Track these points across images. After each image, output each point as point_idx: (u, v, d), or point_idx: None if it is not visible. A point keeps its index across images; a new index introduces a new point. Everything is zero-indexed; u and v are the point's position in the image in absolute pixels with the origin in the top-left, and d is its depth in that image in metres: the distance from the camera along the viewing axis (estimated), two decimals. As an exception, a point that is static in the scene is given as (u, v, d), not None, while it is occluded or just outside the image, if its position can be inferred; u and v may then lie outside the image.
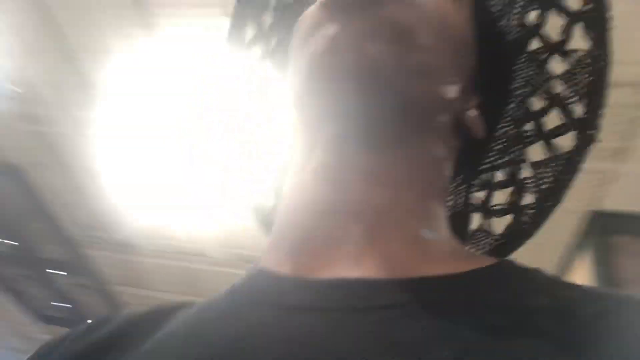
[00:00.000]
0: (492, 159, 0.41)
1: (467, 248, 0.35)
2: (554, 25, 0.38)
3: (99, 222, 5.04)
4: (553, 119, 0.39)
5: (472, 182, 0.42)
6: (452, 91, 0.32)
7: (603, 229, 2.10)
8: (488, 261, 0.28)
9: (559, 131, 0.38)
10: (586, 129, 0.37)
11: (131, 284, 5.36)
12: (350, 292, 0.25)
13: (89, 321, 0.33)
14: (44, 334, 6.48)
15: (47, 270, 4.19)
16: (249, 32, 0.45)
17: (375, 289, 0.25)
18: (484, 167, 0.42)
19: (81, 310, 4.30)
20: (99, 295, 4.06)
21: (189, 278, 5.23)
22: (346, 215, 0.29)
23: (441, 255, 0.29)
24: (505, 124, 0.41)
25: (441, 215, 0.32)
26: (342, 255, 0.27)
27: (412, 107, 0.29)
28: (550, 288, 0.26)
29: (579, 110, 0.37)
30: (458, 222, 0.39)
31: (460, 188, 0.42)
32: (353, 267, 0.27)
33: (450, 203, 0.41)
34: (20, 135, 4.18)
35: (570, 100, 0.37)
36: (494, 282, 0.26)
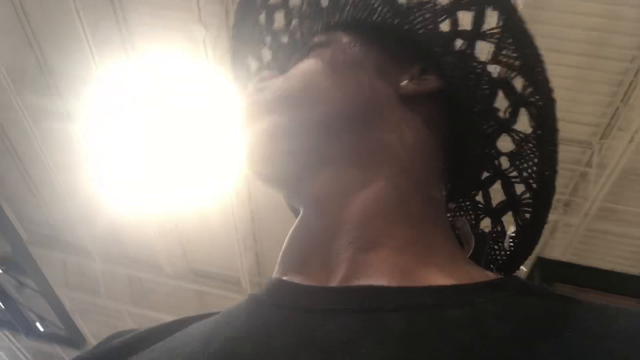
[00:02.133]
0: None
1: (469, 260, 0.36)
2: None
3: (49, 220, 4.86)
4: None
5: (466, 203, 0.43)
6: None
7: (547, 276, 2.22)
8: (493, 276, 0.30)
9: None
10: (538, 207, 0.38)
11: (77, 288, 5.15)
12: (362, 296, 0.27)
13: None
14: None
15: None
16: (253, 65, 0.48)
17: (384, 294, 0.27)
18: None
19: (22, 310, 4.07)
20: (41, 296, 3.86)
21: (138, 288, 5.08)
22: (332, 231, 0.32)
23: (442, 263, 0.30)
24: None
25: (432, 224, 0.33)
26: (343, 264, 0.30)
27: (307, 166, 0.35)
28: (556, 302, 0.27)
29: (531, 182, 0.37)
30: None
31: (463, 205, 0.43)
32: (357, 275, 0.29)
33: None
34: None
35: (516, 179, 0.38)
36: (498, 293, 0.27)
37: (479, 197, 0.42)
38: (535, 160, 0.37)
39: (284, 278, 0.33)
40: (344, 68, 0.37)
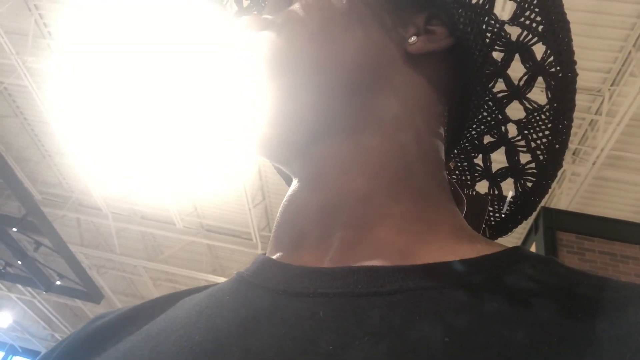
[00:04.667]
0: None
1: (470, 228, 0.34)
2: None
3: (60, 181, 4.92)
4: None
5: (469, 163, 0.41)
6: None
7: (550, 225, 2.23)
8: (496, 247, 0.28)
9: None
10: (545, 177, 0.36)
11: (92, 246, 5.28)
12: (355, 279, 0.26)
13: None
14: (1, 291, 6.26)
15: (4, 228, 4.04)
16: None
17: (380, 275, 0.25)
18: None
19: (40, 267, 4.20)
20: (57, 254, 3.96)
21: (152, 244, 5.20)
22: (329, 208, 0.30)
23: (444, 239, 0.29)
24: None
25: (437, 196, 0.32)
26: (337, 244, 0.29)
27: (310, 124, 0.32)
28: (565, 277, 0.25)
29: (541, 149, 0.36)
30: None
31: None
32: (352, 255, 0.28)
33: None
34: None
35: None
36: (499, 270, 0.25)
37: (477, 159, 0.40)
38: (547, 132, 0.35)
39: (274, 257, 0.31)
40: (345, 17, 0.33)
